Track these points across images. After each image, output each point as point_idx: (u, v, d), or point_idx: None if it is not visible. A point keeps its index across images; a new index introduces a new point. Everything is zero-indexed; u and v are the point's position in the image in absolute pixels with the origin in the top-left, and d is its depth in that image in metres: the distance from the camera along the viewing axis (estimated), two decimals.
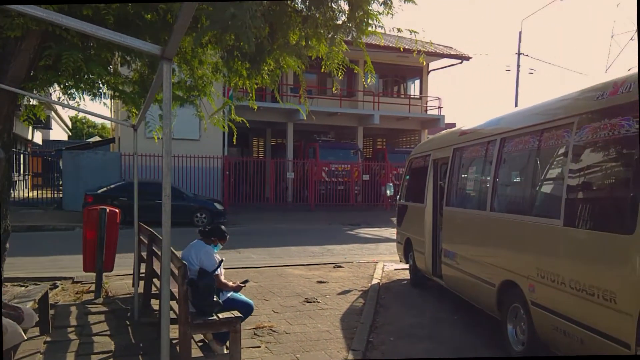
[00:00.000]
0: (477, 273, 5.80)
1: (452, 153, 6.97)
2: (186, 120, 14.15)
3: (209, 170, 20.99)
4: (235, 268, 9.72)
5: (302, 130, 25.25)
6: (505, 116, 5.79)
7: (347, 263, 10.60)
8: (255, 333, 5.80)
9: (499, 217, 5.38)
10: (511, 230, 5.10)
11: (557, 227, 4.27)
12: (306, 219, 19.79)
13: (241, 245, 12.87)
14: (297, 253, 12.26)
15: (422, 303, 7.51)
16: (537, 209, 4.78)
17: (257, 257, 11.65)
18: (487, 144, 5.95)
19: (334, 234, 16.06)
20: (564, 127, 4.43)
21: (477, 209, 6.02)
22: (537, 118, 5.00)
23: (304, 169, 22.86)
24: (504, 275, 5.16)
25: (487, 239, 5.65)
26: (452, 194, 6.93)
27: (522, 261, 4.84)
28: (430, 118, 26.31)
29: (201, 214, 17.38)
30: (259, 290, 7.94)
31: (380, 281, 8.87)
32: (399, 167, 23.34)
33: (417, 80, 27.84)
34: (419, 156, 8.72)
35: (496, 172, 5.55)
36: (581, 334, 3.93)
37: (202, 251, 5.10)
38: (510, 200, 5.43)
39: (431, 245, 7.71)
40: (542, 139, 4.81)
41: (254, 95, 8.05)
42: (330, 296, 7.65)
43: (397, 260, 10.86)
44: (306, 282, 8.67)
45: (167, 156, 3.15)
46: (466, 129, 6.83)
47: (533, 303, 4.60)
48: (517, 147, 5.26)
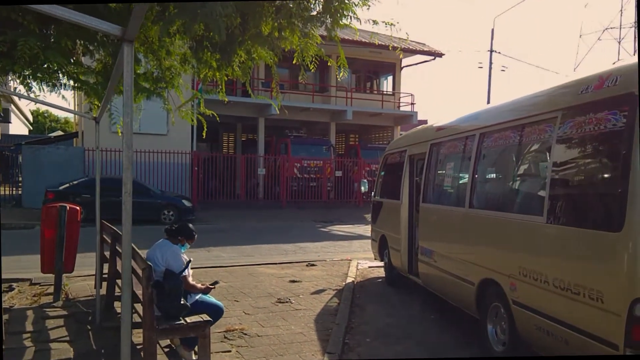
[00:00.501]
0: (455, 271, 5.66)
1: (429, 149, 6.82)
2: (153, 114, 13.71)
3: (176, 166, 20.45)
4: (204, 267, 9.41)
5: (273, 126, 24.92)
6: (484, 111, 5.66)
7: (321, 261, 10.38)
8: (226, 336, 5.52)
9: (479, 214, 5.24)
10: (491, 227, 4.97)
11: (540, 224, 4.14)
12: (278, 216, 19.50)
13: (210, 244, 12.51)
14: (269, 251, 11.99)
15: (398, 302, 7.35)
16: (519, 206, 4.65)
17: (227, 255, 11.33)
18: (466, 139, 5.80)
19: (307, 231, 15.83)
20: (547, 121, 4.30)
21: (455, 205, 5.88)
22: (517, 113, 4.87)
23: (276, 165, 22.53)
24: (483, 274, 5.02)
25: (466, 237, 5.51)
26: (428, 191, 6.78)
27: (503, 259, 4.71)
28: (403, 114, 26.31)
29: (168, 211, 16.94)
30: (229, 291, 7.65)
31: (354, 280, 8.68)
32: (372, 164, 23.30)
33: (390, 77, 27.82)
34: (394, 152, 8.56)
35: (475, 168, 5.41)
36: (565, 334, 3.81)
37: (168, 251, 4.80)
38: (490, 197, 5.30)
39: (407, 243, 7.56)
40: (523, 134, 4.67)
41: (224, 88, 7.73)
42: (303, 296, 7.42)
43: (371, 258, 10.71)
44: (278, 281, 8.41)
45: (127, 149, 2.86)
46: (443, 124, 6.68)
47: (515, 302, 4.47)
48: (497, 142, 5.13)
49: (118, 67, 3.60)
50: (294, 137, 23.55)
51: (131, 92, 2.80)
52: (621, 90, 3.54)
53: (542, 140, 4.38)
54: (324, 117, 25.16)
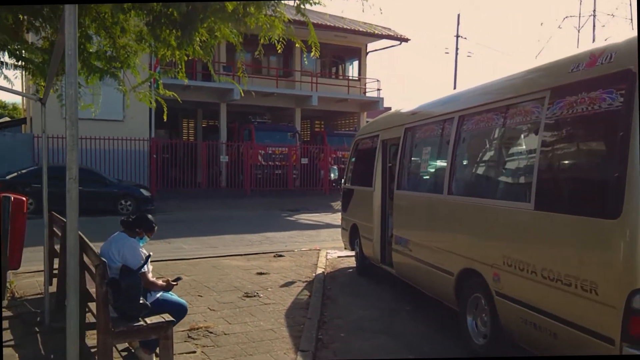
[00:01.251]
0: (432, 261, 5.41)
1: (404, 133, 6.53)
2: (109, 99, 12.97)
3: (134, 154, 19.62)
4: (165, 260, 8.93)
5: (236, 112, 24.26)
6: (463, 92, 5.39)
7: (288, 252, 10.03)
8: (190, 335, 5.11)
9: (458, 201, 4.99)
10: (472, 215, 4.72)
11: (527, 211, 3.90)
12: (242, 205, 19.01)
13: (171, 235, 11.97)
14: (233, 242, 11.56)
15: (371, 293, 7.09)
16: (503, 192, 4.41)
17: (189, 247, 10.84)
18: (444, 122, 5.53)
19: (272, 221, 15.45)
20: (534, 102, 4.06)
21: (432, 192, 5.62)
22: (500, 94, 4.61)
23: (239, 152, 21.95)
24: (463, 264, 4.78)
25: (444, 225, 5.26)
26: (403, 177, 6.51)
27: (485, 248, 4.47)
28: (369, 100, 26.08)
29: (126, 201, 16.25)
30: (192, 285, 7.21)
31: (325, 270, 8.38)
32: (338, 151, 23.03)
33: (356, 62, 27.51)
34: (366, 137, 8.25)
35: (454, 153, 5.14)
36: (555, 327, 3.59)
37: (125, 245, 4.34)
38: (470, 183, 5.04)
39: (380, 232, 7.30)
40: (507, 116, 4.42)
41: (183, 68, 7.21)
42: (272, 289, 7.06)
43: (340, 247, 10.43)
44: (245, 274, 8.02)
45: (72, 126, 2.42)
46: (419, 107, 6.40)
47: (498, 293, 4.24)
48: (477, 125, 4.87)
49: (60, 34, 3.11)
50: (257, 123, 22.97)
51: (75, 58, 2.35)
52: (617, 67, 3.31)
53: (529, 121, 4.13)
54: (289, 102, 24.67)
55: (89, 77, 7.25)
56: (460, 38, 28.91)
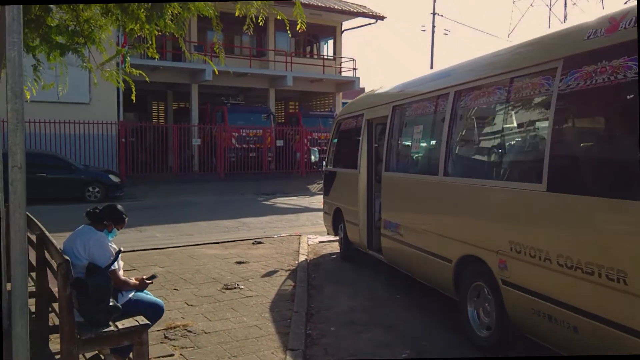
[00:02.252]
0: (427, 247, 5.07)
1: (392, 111, 6.13)
2: (74, 81, 12.23)
3: (102, 138, 18.75)
4: (137, 250, 8.41)
5: (207, 93, 23.47)
6: (458, 66, 4.99)
7: (268, 238, 9.61)
8: (166, 336, 4.66)
9: (456, 182, 4.63)
10: (472, 198, 4.37)
11: (539, 192, 3.55)
12: (216, 189, 18.43)
13: (142, 223, 11.40)
14: (209, 229, 11.05)
15: (358, 280, 6.75)
16: (509, 173, 4.06)
17: (162, 235, 10.30)
18: (437, 99, 5.15)
19: (249, 205, 14.96)
20: (543, 73, 3.69)
21: (425, 173, 5.25)
22: (502, 66, 4.23)
23: (212, 134, 21.27)
24: (463, 250, 4.45)
25: (440, 209, 4.91)
26: (392, 158, 6.12)
27: (489, 233, 4.13)
28: (345, 80, 25.59)
29: (94, 188, 15.53)
30: (167, 278, 6.74)
31: (307, 257, 8.00)
32: (314, 132, 22.57)
33: (331, 40, 26.90)
34: (349, 116, 7.82)
35: (450, 132, 4.77)
36: (575, 320, 3.28)
37: (91, 240, 3.85)
38: (470, 164, 4.69)
39: (366, 216, 6.93)
40: (511, 89, 4.05)
41: (154, 44, 6.63)
42: (253, 279, 6.64)
43: (321, 232, 10.07)
44: (223, 263, 7.58)
45: (15, 99, 1.94)
46: (408, 83, 5.99)
47: (505, 282, 3.91)
48: (477, 101, 4.49)
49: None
50: (230, 104, 22.26)
51: (18, 12, 1.85)
52: None
53: (537, 95, 3.77)
54: (263, 83, 23.99)
55: (50, 54, 6.63)
56: (437, 15, 28.47)
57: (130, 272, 7.04)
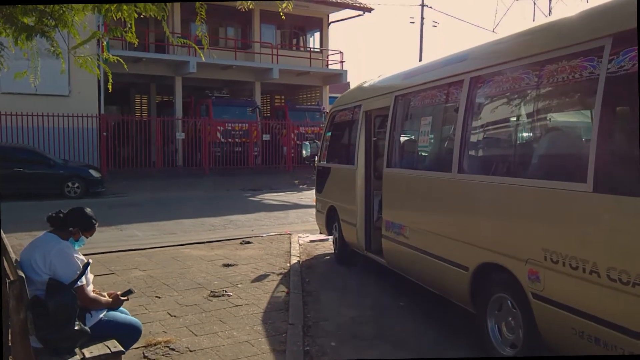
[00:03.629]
0: (438, 252, 4.55)
1: (394, 101, 5.59)
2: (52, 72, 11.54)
3: (82, 132, 17.95)
4: (116, 252, 7.81)
5: (192, 86, 22.74)
6: (475, 49, 4.44)
7: (256, 237, 9.04)
8: (146, 355, 4.08)
9: (475, 180, 4.11)
10: (496, 198, 3.85)
11: (583, 193, 3.04)
12: (200, 185, 17.78)
13: (123, 220, 10.78)
14: (194, 227, 10.44)
15: (357, 286, 6.23)
16: (543, 170, 3.54)
17: (143, 234, 9.67)
18: (448, 87, 4.61)
19: (235, 202, 14.36)
20: (586, 53, 3.17)
21: (436, 170, 4.72)
22: (532, 47, 3.70)
23: (196, 128, 20.57)
24: (483, 257, 3.93)
25: (455, 209, 4.38)
26: (394, 153, 5.58)
27: (516, 239, 3.62)
28: (333, 73, 25.00)
29: (73, 183, 14.87)
30: (147, 283, 6.15)
31: (300, 259, 7.44)
32: (301, 126, 22.02)
33: (317, 33, 26.27)
34: (344, 108, 7.26)
35: (466, 124, 4.24)
36: (631, 345, 2.78)
37: (53, 251, 3.25)
38: (492, 159, 4.17)
39: (364, 215, 6.40)
40: (542, 73, 3.52)
41: (133, 27, 5.99)
42: (242, 285, 6.08)
43: (312, 230, 9.54)
44: (209, 266, 7.00)
45: None
46: (413, 70, 5.44)
47: (536, 296, 3.41)
48: (500, 88, 3.96)
49: None
50: (215, 97, 21.56)
51: None
52: None
53: (579, 79, 3.24)
54: (248, 76, 23.30)
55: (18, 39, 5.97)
56: (426, 7, 27.99)
57: (107, 277, 6.45)
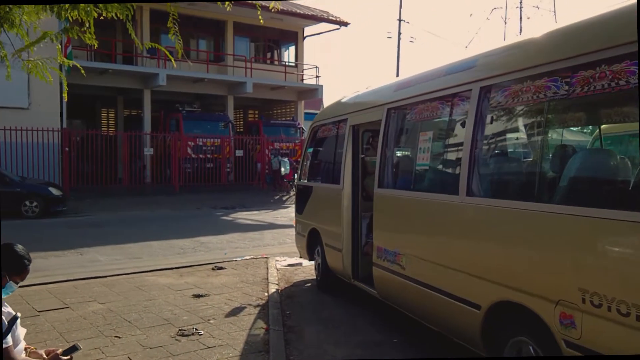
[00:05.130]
0: (442, 286, 3.98)
1: (386, 115, 5.05)
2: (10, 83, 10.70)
3: (43, 147, 16.95)
4: (73, 280, 7.02)
5: (161, 100, 21.92)
6: (486, 55, 3.93)
7: (230, 262, 8.33)
8: None
9: (488, 205, 3.56)
10: (516, 226, 3.31)
11: (633, 224, 2.51)
12: (170, 203, 16.95)
13: (84, 243, 9.93)
14: (162, 250, 9.67)
15: (343, 318, 5.59)
16: (579, 196, 3.01)
17: (106, 259, 8.85)
18: (453, 98, 4.09)
19: (206, 221, 13.61)
20: (632, 57, 2.66)
21: (439, 192, 4.17)
22: (561, 50, 3.18)
23: (165, 143, 19.73)
24: (499, 294, 3.38)
25: (463, 237, 3.83)
26: (387, 172, 5.02)
27: (544, 276, 3.07)
28: (308, 88, 24.53)
29: (31, 202, 13.99)
30: (106, 319, 5.39)
31: (278, 286, 6.79)
32: (275, 142, 21.43)
33: (292, 47, 25.82)
34: (327, 122, 6.69)
35: (475, 139, 3.71)
36: None
37: None
38: (510, 182, 3.64)
39: (351, 240, 5.81)
40: (574, 81, 3.01)
41: (92, 28, 5.33)
42: (215, 320, 5.38)
43: (290, 253, 8.92)
44: (178, 297, 6.28)
45: None
46: (409, 79, 4.91)
47: (571, 344, 2.86)
48: (518, 98, 3.43)
49: None
50: (186, 112, 20.77)
51: None
52: None
53: (622, 86, 2.74)
54: (221, 89, 22.62)
55: None
56: (403, 22, 27.90)
57: (60, 312, 5.66)
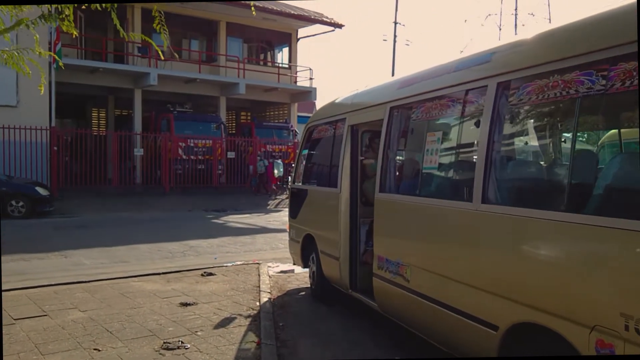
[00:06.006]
0: (453, 302, 3.63)
1: (388, 114, 4.71)
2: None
3: (31, 146, 16.48)
4: (54, 285, 6.64)
5: (152, 100, 21.50)
6: (505, 47, 3.58)
7: (220, 267, 7.95)
8: None
9: (507, 213, 3.22)
10: (542, 239, 2.97)
11: None
12: (160, 204, 16.55)
13: (69, 245, 9.53)
14: (150, 254, 9.27)
15: (340, 331, 5.23)
16: (620, 205, 2.66)
17: (91, 262, 8.45)
18: (465, 94, 3.76)
19: (196, 224, 13.21)
20: None
21: (449, 198, 3.83)
22: (589, 41, 2.86)
23: (156, 144, 19.32)
24: (520, 314, 3.04)
25: (478, 249, 3.48)
26: (389, 175, 4.67)
27: (576, 297, 2.72)
28: (301, 90, 24.20)
29: (17, 202, 13.61)
30: (87, 329, 5.01)
31: (271, 295, 6.42)
32: (268, 144, 21.10)
33: (286, 48, 25.48)
34: (324, 122, 6.34)
35: (491, 140, 3.37)
36: None
37: None
38: (533, 188, 3.29)
39: (349, 247, 5.46)
40: (612, 74, 2.68)
41: (72, 15, 4.96)
42: (203, 332, 5.00)
43: (283, 259, 8.56)
44: (164, 305, 5.89)
45: None
46: (414, 76, 4.56)
47: None
48: (544, 94, 3.09)
49: None
50: (177, 112, 20.37)
51: None
52: None
53: None
54: (213, 90, 22.23)
55: None
56: (399, 25, 27.64)
57: (38, 320, 5.27)
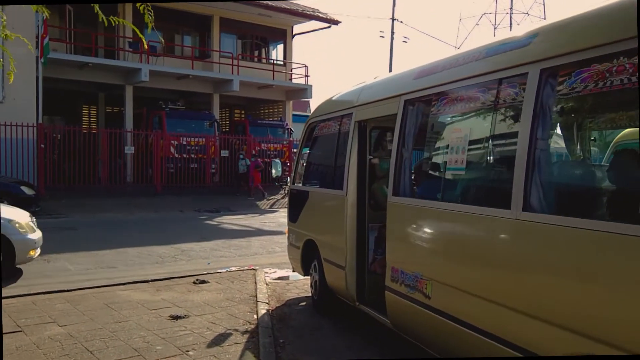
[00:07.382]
0: (488, 327, 3.12)
1: (403, 108, 4.20)
2: None
3: (17, 143, 15.84)
4: (33, 294, 6.10)
5: (144, 97, 20.90)
6: (549, 28, 3.07)
7: (213, 274, 7.42)
8: None
9: (559, 224, 2.71)
10: (606, 257, 2.47)
11: None
12: (151, 204, 15.98)
13: (53, 248, 8.93)
14: (139, 258, 8.73)
15: (347, 350, 4.72)
16: None
17: (75, 268, 7.91)
18: (499, 84, 3.25)
19: (189, 226, 12.66)
20: None
21: (481, 204, 3.31)
22: None
23: (147, 142, 18.73)
24: (571, 344, 2.54)
25: (520, 266, 2.96)
26: (405, 177, 4.16)
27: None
28: (296, 87, 23.67)
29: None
30: (64, 349, 4.47)
31: (269, 306, 5.90)
32: (262, 142, 20.59)
33: (281, 45, 24.93)
34: (328, 118, 5.82)
35: (534, 137, 2.87)
36: None
37: None
38: (591, 194, 2.79)
39: (356, 256, 4.96)
40: None
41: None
42: (195, 351, 4.48)
43: (281, 264, 8.07)
44: (152, 317, 5.36)
45: None
46: (433, 65, 4.05)
47: None
48: (606, 82, 2.59)
49: None
50: (169, 109, 19.77)
51: None
52: None
53: None
54: (206, 87, 21.65)
55: None
56: (396, 22, 27.18)
57: (11, 337, 4.69)
